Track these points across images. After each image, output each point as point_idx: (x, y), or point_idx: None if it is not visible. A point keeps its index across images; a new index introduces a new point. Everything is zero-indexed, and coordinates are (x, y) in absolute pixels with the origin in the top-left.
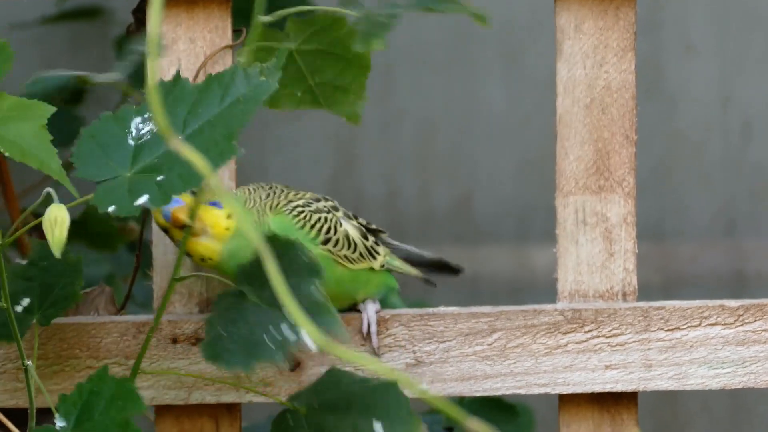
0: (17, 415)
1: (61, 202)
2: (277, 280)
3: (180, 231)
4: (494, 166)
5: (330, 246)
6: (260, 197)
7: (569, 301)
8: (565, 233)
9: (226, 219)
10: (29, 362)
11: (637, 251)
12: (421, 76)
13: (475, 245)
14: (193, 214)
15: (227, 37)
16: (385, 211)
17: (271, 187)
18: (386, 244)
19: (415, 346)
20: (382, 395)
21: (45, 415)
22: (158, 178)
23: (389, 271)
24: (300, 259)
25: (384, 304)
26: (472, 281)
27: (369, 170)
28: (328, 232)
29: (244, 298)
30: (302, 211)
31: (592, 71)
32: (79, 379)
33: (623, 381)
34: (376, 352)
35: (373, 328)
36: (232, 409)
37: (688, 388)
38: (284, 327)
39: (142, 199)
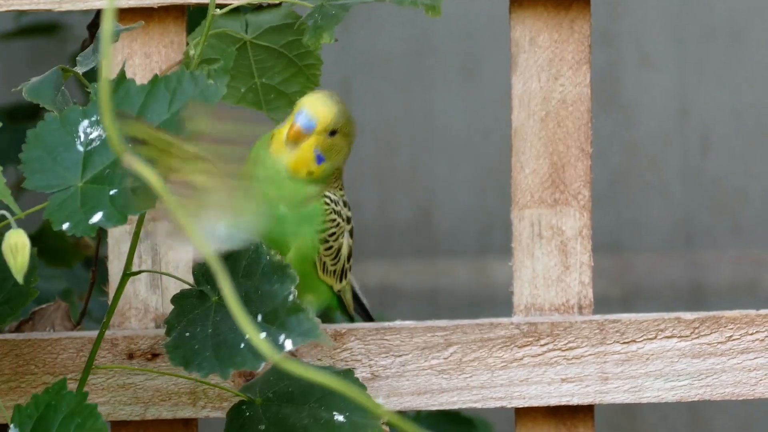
0: None
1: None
2: (226, 285)
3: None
4: (453, 180)
5: (323, 246)
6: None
7: (525, 314)
8: (521, 247)
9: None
10: None
11: (593, 264)
12: (379, 88)
13: (435, 259)
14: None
15: (182, 52)
16: None
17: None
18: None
19: (371, 360)
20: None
21: (2, 430)
22: (111, 192)
23: (339, 298)
24: (263, 260)
25: (326, 318)
26: (431, 295)
27: None
28: (331, 235)
29: (205, 298)
30: (329, 203)
31: (547, 84)
32: None
33: (579, 394)
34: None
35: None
36: (188, 424)
37: (644, 401)
38: (263, 335)
39: (97, 217)
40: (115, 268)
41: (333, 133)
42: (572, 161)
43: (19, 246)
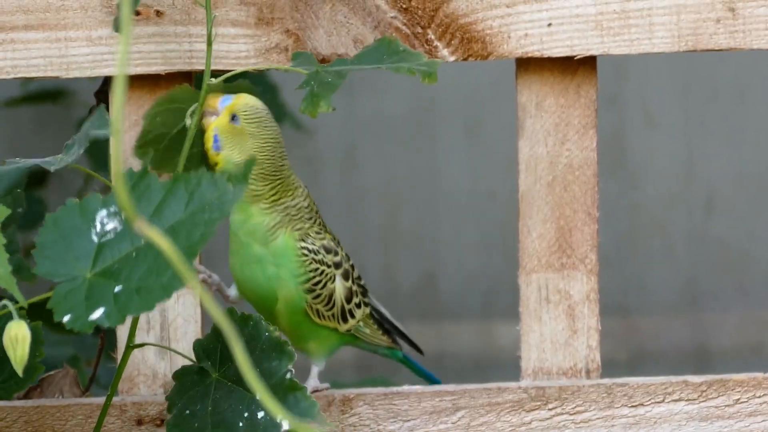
0: None
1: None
2: (243, 361)
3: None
4: (458, 242)
5: (310, 296)
6: (302, 207)
7: (533, 378)
8: (528, 311)
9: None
10: None
11: (600, 328)
12: (384, 152)
13: (440, 322)
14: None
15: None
16: None
17: (310, 205)
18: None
19: (379, 425)
20: None
21: None
22: (116, 289)
23: (354, 335)
24: (263, 336)
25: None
26: (437, 359)
27: None
28: (316, 284)
29: (205, 374)
30: (307, 254)
31: (554, 149)
32: None
33: None
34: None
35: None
36: None
37: None
38: (261, 414)
39: (97, 314)
40: (123, 335)
41: (235, 118)
42: (579, 225)
43: (19, 338)
